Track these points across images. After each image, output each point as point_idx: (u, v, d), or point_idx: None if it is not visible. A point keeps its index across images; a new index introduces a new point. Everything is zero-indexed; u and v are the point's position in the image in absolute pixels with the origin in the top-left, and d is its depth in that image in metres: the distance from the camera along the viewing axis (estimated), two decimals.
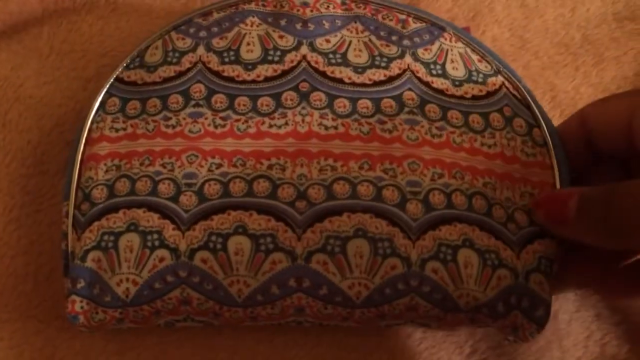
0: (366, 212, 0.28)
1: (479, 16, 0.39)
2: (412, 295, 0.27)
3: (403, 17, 0.33)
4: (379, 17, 0.32)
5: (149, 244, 0.28)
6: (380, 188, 0.28)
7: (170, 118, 0.30)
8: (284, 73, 0.31)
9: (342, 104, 0.30)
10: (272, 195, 0.28)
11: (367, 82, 0.31)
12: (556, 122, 0.36)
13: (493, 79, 0.31)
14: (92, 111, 0.30)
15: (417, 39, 0.32)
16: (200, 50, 0.31)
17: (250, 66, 0.31)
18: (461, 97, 0.31)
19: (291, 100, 0.30)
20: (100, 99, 0.31)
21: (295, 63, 0.31)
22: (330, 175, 0.29)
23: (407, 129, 0.30)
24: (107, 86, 0.31)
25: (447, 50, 0.32)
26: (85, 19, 0.38)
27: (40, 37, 0.37)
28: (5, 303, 0.32)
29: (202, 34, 0.32)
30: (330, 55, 0.31)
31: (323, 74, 0.31)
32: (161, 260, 0.28)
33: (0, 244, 0.33)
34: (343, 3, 0.33)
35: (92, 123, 0.30)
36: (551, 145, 0.30)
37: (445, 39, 0.32)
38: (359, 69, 0.31)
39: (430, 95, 0.31)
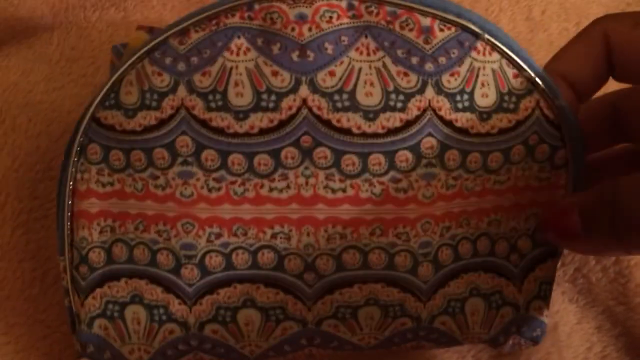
0: (377, 282, 0.27)
1: None
2: (419, 340, 0.28)
3: (427, 23, 0.26)
4: (396, 25, 0.26)
5: (156, 317, 0.27)
6: (393, 255, 0.27)
7: (158, 177, 0.26)
8: (282, 124, 0.26)
9: (351, 162, 0.26)
10: (278, 267, 0.27)
11: (380, 131, 0.26)
12: None
13: (527, 99, 0.26)
14: (71, 156, 0.27)
15: (442, 59, 0.26)
16: (182, 91, 0.26)
17: (241, 114, 0.26)
18: (486, 135, 0.26)
19: (292, 158, 0.26)
20: (77, 142, 0.27)
21: (294, 110, 0.26)
22: (339, 244, 0.26)
23: (424, 186, 0.26)
24: (82, 128, 0.27)
25: (479, 69, 0.26)
26: (95, 25, 0.38)
27: (51, 43, 0.37)
28: (12, 307, 0.32)
29: (181, 67, 0.26)
30: (336, 97, 0.25)
31: (328, 123, 0.26)
32: (171, 332, 0.27)
33: (8, 248, 0.33)
34: (350, 7, 0.26)
35: (76, 172, 0.27)
36: (572, 167, 0.27)
37: (479, 53, 0.26)
38: (370, 114, 0.26)
39: (452, 139, 0.26)
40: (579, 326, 0.33)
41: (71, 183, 0.27)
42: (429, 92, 0.26)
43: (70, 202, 0.27)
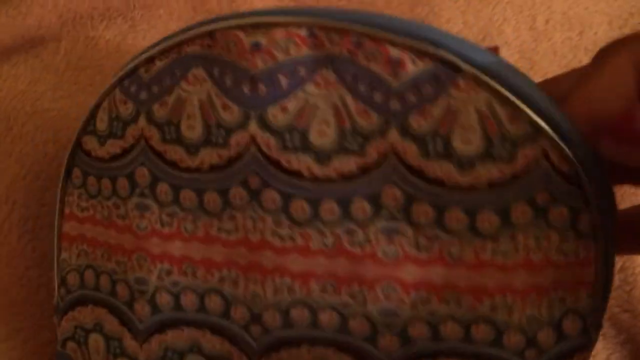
0: (328, 346, 0.23)
1: (488, 38, 0.40)
2: None
3: (397, 54, 0.22)
4: (360, 56, 0.22)
5: (112, 349, 0.27)
6: (347, 317, 0.23)
7: (120, 207, 0.26)
8: (230, 162, 0.24)
9: (301, 208, 0.23)
10: (225, 314, 0.24)
11: (333, 175, 0.23)
12: None
13: (528, 147, 0.21)
14: (60, 179, 0.28)
15: (411, 97, 0.22)
16: (142, 121, 0.25)
17: (192, 149, 0.24)
18: (469, 189, 0.21)
19: (240, 198, 0.24)
20: (65, 164, 0.28)
21: (242, 147, 0.23)
22: (287, 297, 0.23)
23: (384, 240, 0.22)
24: (70, 151, 0.28)
25: (458, 109, 0.21)
26: (102, 35, 0.39)
27: (58, 52, 0.38)
28: (18, 312, 0.33)
29: (143, 95, 0.25)
30: (287, 136, 0.23)
31: (276, 164, 0.23)
32: None
33: (14, 254, 0.33)
34: (311, 35, 0.23)
35: (64, 194, 0.28)
36: (603, 239, 0.22)
37: (459, 89, 0.21)
38: (323, 156, 0.23)
39: (422, 191, 0.22)
40: None
41: (60, 204, 0.28)
42: (393, 134, 0.22)
43: (59, 223, 0.28)
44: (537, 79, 0.39)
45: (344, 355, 0.23)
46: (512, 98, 0.21)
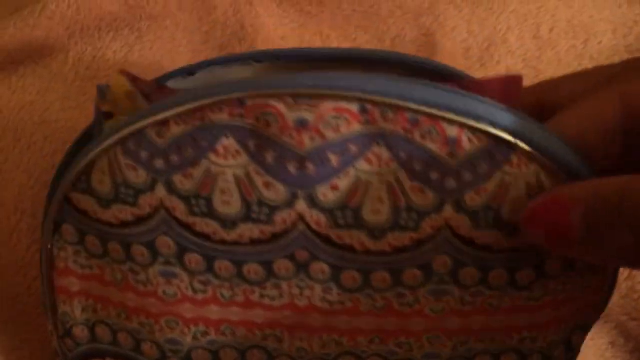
0: None
1: (493, 47, 0.40)
2: None
3: (453, 133, 0.21)
4: (417, 134, 0.21)
5: None
6: None
7: (139, 273, 0.24)
8: (275, 237, 0.23)
9: (352, 278, 0.23)
10: None
11: (387, 249, 0.22)
12: None
13: None
14: (46, 228, 0.25)
15: (468, 175, 0.21)
16: (161, 191, 0.23)
17: (229, 224, 0.23)
18: (512, 250, 0.22)
19: (286, 270, 0.23)
20: (49, 216, 0.25)
21: (289, 225, 0.22)
22: (335, 350, 0.24)
23: (432, 300, 0.23)
24: (55, 203, 0.24)
25: (510, 184, 0.21)
26: (110, 46, 0.39)
27: (66, 63, 0.38)
28: (26, 322, 0.33)
29: (159, 164, 0.23)
30: (338, 214, 0.22)
31: (327, 239, 0.22)
32: None
33: (23, 264, 0.34)
34: (362, 111, 0.21)
35: (52, 247, 0.25)
36: (612, 277, 0.24)
37: (512, 165, 0.21)
38: (377, 232, 0.22)
39: (470, 257, 0.22)
40: (593, 342, 0.33)
41: (48, 254, 0.25)
42: (448, 210, 0.22)
43: (48, 273, 0.25)
44: None
45: None
46: (556, 168, 0.21)
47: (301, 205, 0.22)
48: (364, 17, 0.41)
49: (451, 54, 0.39)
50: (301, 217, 0.22)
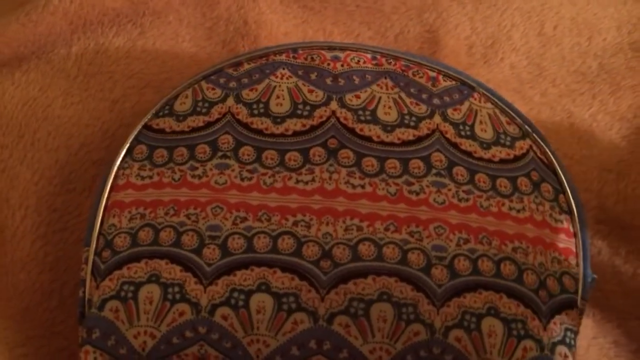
0: (391, 276, 0.28)
1: (497, 44, 0.40)
2: None
3: (433, 74, 0.32)
4: (409, 73, 0.32)
5: (170, 296, 0.28)
6: (406, 251, 0.28)
7: (197, 168, 0.30)
8: (313, 128, 0.31)
9: (370, 163, 0.30)
10: (296, 252, 0.28)
11: (396, 141, 0.31)
12: (574, 148, 0.37)
13: (521, 142, 0.31)
14: (118, 157, 0.31)
15: (447, 98, 0.32)
16: (230, 101, 0.32)
17: (279, 119, 0.31)
18: (489, 161, 0.31)
19: (319, 156, 0.30)
20: (127, 145, 0.31)
21: (324, 118, 0.31)
22: (356, 235, 0.29)
23: (434, 191, 0.30)
24: (135, 133, 0.31)
25: (477, 110, 0.32)
26: (112, 41, 0.39)
27: (69, 59, 0.38)
28: (31, 318, 0.33)
29: (232, 84, 0.32)
30: (360, 112, 0.31)
31: (352, 131, 0.31)
32: (181, 314, 0.28)
33: (27, 260, 0.34)
34: (374, 58, 0.33)
35: (118, 169, 0.31)
36: (575, 214, 0.30)
37: (475, 99, 0.32)
38: (388, 127, 0.31)
39: (458, 158, 0.30)
40: (596, 341, 0.34)
41: (113, 180, 0.31)
42: (437, 118, 0.31)
43: (108, 196, 0.30)
44: (546, 84, 0.39)
45: (405, 284, 0.28)
46: (508, 110, 0.32)
47: (334, 105, 0.31)
48: (367, 13, 0.41)
49: (454, 50, 0.39)
50: (333, 113, 0.31)
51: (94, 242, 0.29)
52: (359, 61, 0.33)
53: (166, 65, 0.38)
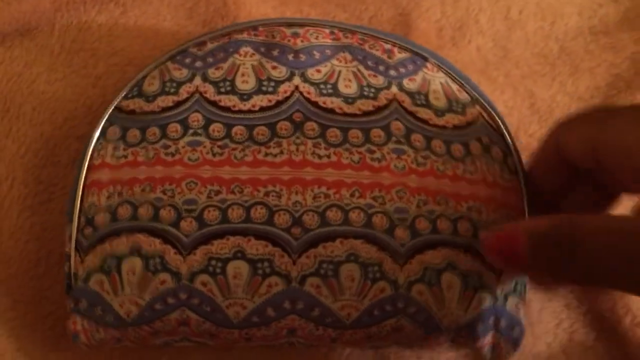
0: (358, 238, 0.30)
1: (465, 27, 0.41)
2: (398, 316, 0.30)
3: (388, 46, 0.34)
4: (366, 46, 0.34)
5: (152, 267, 0.29)
6: (371, 215, 0.30)
7: (170, 146, 0.31)
8: (278, 103, 0.32)
9: (334, 134, 0.31)
10: (268, 221, 0.30)
11: (357, 112, 0.32)
12: (534, 127, 0.39)
13: (471, 109, 0.33)
14: (92, 139, 0.32)
15: (402, 69, 0.33)
16: (197, 80, 0.32)
17: (245, 96, 0.32)
18: (443, 127, 0.32)
19: (285, 129, 0.31)
20: (100, 127, 0.32)
21: (288, 94, 0.32)
22: (324, 202, 0.30)
23: (395, 158, 0.31)
24: (107, 115, 0.32)
25: (430, 80, 0.33)
26: (95, 19, 0.40)
27: (52, 36, 0.39)
28: (19, 285, 0.34)
29: (198, 64, 0.33)
30: (322, 86, 0.32)
31: (315, 104, 0.32)
32: (163, 282, 0.29)
33: (14, 229, 0.35)
34: (331, 33, 0.34)
35: (93, 150, 0.31)
36: (522, 174, 0.32)
37: (428, 69, 0.34)
38: (349, 100, 0.32)
39: (415, 125, 0.32)
40: (549, 304, 0.36)
41: (89, 160, 0.31)
42: (394, 88, 0.33)
43: (84, 177, 0.31)
44: (511, 65, 0.41)
45: (370, 245, 0.30)
46: (458, 78, 0.34)
47: (297, 80, 0.32)
48: None
49: (425, 33, 0.41)
50: (297, 88, 0.32)
51: (76, 220, 0.30)
52: (317, 36, 0.34)
53: (148, 44, 0.39)
